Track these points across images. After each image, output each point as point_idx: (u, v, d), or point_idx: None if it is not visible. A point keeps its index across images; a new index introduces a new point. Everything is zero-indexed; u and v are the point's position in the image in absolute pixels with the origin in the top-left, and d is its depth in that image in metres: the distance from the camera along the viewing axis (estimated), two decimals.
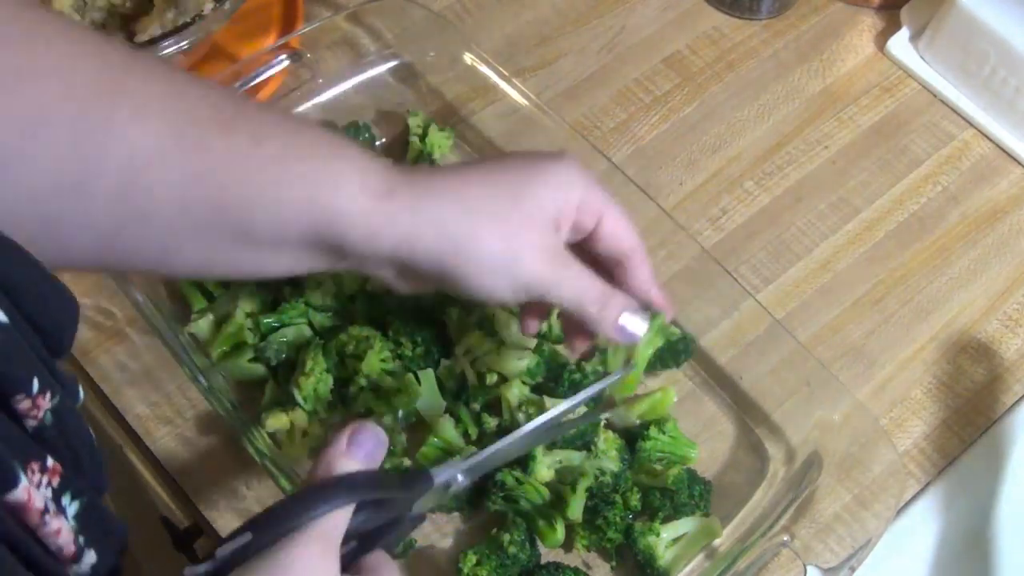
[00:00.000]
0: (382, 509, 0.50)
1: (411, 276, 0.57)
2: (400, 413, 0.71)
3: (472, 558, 0.67)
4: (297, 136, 0.53)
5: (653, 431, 0.71)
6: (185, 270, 0.56)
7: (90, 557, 0.44)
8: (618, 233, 0.60)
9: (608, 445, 0.71)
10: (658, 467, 0.71)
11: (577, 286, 0.58)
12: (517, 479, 0.69)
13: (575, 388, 0.72)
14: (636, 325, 0.60)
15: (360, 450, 0.49)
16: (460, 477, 0.55)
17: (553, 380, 0.73)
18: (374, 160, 0.55)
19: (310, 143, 0.53)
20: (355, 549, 0.50)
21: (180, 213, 0.50)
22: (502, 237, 0.55)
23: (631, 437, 0.72)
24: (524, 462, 0.70)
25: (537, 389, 0.73)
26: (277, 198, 0.51)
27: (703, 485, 0.71)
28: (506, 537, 0.67)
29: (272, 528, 0.46)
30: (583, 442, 0.71)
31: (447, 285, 0.57)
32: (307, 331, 0.74)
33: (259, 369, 0.74)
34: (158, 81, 0.50)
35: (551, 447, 0.71)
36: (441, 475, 0.54)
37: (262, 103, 0.52)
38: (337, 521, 0.47)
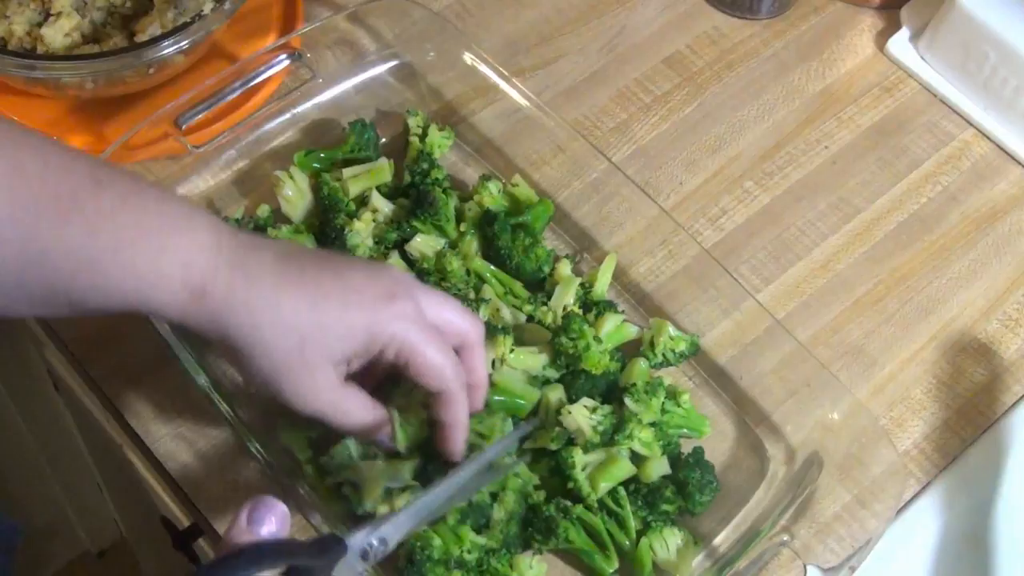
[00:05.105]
0: None
1: None
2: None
3: None
4: (130, 223, 0.54)
5: (668, 404, 0.71)
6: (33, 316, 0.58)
7: None
8: (454, 327, 0.62)
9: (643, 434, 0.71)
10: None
11: (352, 418, 0.62)
12: (563, 510, 0.68)
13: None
14: None
15: (261, 527, 0.49)
16: (375, 542, 0.54)
17: None
18: (202, 248, 0.56)
19: (144, 231, 0.55)
20: None
21: (17, 286, 0.53)
22: (275, 371, 0.58)
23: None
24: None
25: None
26: (106, 290, 0.55)
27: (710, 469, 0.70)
28: None
29: None
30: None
31: None
32: None
33: None
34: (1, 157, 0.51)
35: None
36: (355, 541, 0.53)
37: (107, 168, 0.55)
38: None
